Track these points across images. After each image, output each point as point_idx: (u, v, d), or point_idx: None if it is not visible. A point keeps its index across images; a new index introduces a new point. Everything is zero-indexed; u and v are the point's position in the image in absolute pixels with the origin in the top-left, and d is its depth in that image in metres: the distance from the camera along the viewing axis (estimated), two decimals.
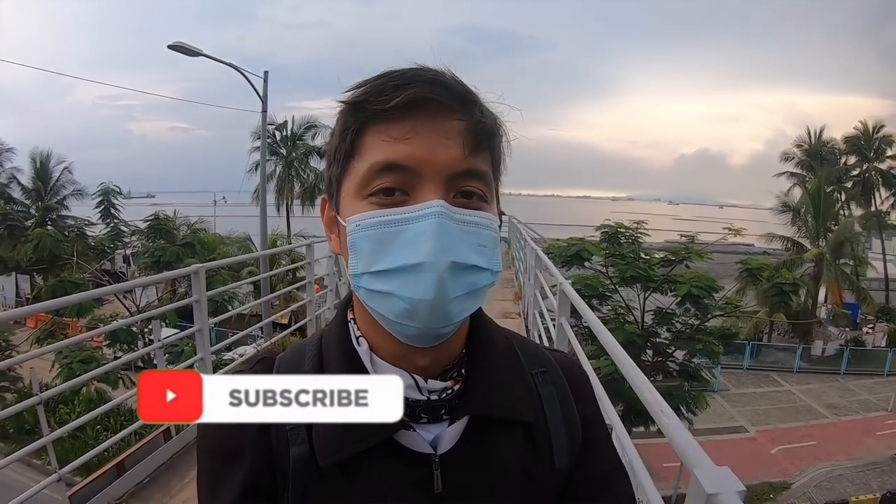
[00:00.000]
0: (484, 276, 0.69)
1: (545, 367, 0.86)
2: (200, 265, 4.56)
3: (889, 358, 26.83)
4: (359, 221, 0.67)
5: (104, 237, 18.57)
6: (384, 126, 0.67)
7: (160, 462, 3.82)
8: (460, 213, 0.67)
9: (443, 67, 0.70)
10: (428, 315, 0.65)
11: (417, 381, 0.73)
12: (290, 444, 0.73)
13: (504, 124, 0.75)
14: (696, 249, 14.18)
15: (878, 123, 34.47)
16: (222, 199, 53.27)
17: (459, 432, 0.75)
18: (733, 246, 26.97)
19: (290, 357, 0.82)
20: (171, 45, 12.29)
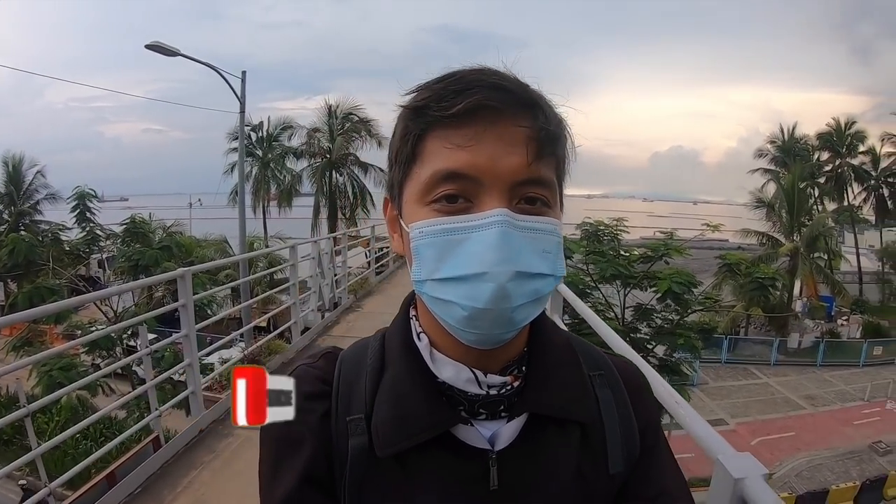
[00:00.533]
0: (548, 281, 0.68)
1: (603, 371, 0.86)
2: (187, 269, 4.49)
3: (864, 349, 27.24)
4: (422, 228, 0.67)
5: (80, 241, 18.27)
6: (446, 132, 0.66)
7: (151, 471, 3.75)
8: (524, 221, 0.66)
9: (505, 69, 0.69)
10: (490, 323, 0.65)
11: (477, 376, 0.73)
12: (349, 434, 0.74)
13: (569, 126, 0.74)
14: (674, 246, 14.35)
15: (851, 120, 35.39)
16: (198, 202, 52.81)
17: (518, 430, 0.75)
18: (708, 241, 27.29)
19: (353, 352, 0.83)
20: (148, 44, 12.13)
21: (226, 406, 4.89)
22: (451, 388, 0.74)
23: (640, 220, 72.08)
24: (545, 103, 0.70)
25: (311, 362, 0.82)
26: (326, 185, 28.62)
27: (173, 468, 3.88)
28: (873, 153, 35.40)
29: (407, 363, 0.76)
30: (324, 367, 0.81)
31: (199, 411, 4.49)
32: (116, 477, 3.46)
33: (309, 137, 29.18)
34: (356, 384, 0.77)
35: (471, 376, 0.73)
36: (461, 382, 0.73)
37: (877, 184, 35.61)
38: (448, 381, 0.74)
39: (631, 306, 15.09)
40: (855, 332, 29.73)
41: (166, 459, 3.94)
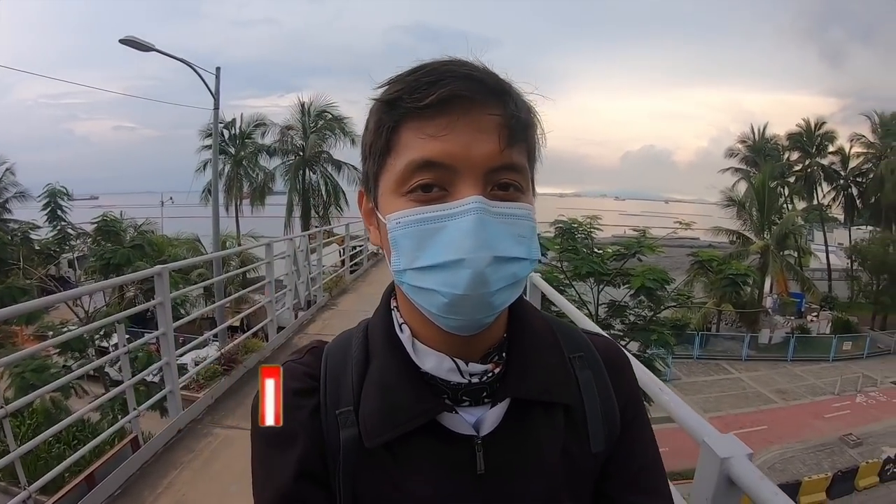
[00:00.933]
0: (524, 265, 0.70)
1: (583, 351, 0.87)
2: (164, 266, 4.43)
3: (834, 344, 27.75)
4: (399, 219, 0.68)
5: (51, 241, 17.87)
6: (419, 123, 0.67)
7: (130, 472, 3.70)
8: (498, 207, 0.67)
9: (475, 60, 0.70)
10: (471, 308, 0.67)
11: (458, 365, 0.75)
12: (339, 426, 0.76)
13: (538, 113, 0.75)
14: (647, 243, 14.50)
15: (820, 121, 36.07)
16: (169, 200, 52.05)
17: (501, 414, 0.76)
18: (680, 239, 27.61)
19: (337, 345, 0.85)
20: (122, 39, 11.95)
21: (205, 404, 4.87)
22: (434, 377, 0.75)
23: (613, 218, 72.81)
24: (515, 92, 0.71)
25: (298, 358, 0.84)
26: (300, 183, 28.44)
27: (153, 469, 3.83)
28: (842, 153, 36.16)
29: (390, 354, 0.77)
30: (310, 362, 0.82)
31: (177, 411, 4.45)
32: (96, 479, 3.40)
33: (282, 135, 28.98)
34: (343, 377, 0.79)
35: (452, 366, 0.75)
36: (443, 372, 0.75)
37: (846, 183, 36.42)
38: (430, 372, 0.75)
39: (605, 303, 15.20)
40: (824, 328, 30.25)
41: (145, 460, 3.88)
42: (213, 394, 5.05)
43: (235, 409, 4.92)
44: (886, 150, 33.64)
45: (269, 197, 30.61)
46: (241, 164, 29.48)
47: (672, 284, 14.91)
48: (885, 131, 34.31)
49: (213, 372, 5.35)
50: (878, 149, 34.51)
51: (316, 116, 28.67)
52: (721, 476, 1.26)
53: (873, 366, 26.49)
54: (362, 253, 14.00)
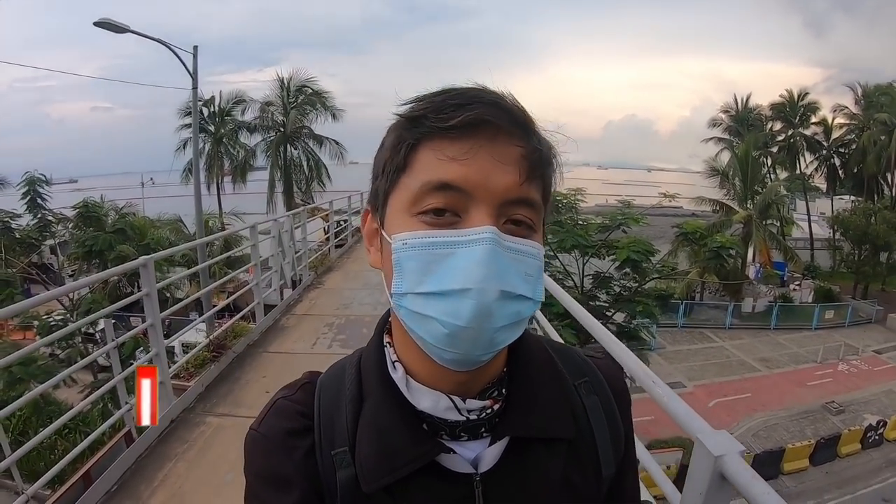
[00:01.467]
0: (528, 305, 0.67)
1: (588, 377, 0.86)
2: (149, 257, 4.36)
3: (816, 313, 28.10)
4: (406, 240, 0.66)
5: (31, 229, 17.66)
6: (441, 144, 0.65)
7: (125, 467, 3.68)
8: (510, 241, 0.65)
9: (503, 91, 0.69)
10: (470, 343, 0.64)
11: (455, 402, 0.73)
12: (336, 467, 0.74)
13: (557, 152, 0.73)
14: (632, 215, 14.55)
15: (803, 91, 36.31)
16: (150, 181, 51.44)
17: (500, 451, 0.75)
18: (663, 209, 27.72)
19: (330, 380, 0.82)
20: (97, 21, 11.67)
21: (196, 393, 4.87)
22: (430, 415, 0.74)
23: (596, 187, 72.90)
24: (538, 126, 0.70)
25: (290, 394, 0.82)
26: (281, 159, 28.34)
27: (147, 462, 3.82)
28: (825, 124, 36.40)
29: (385, 394, 0.75)
30: (303, 399, 0.80)
31: (169, 401, 4.43)
32: (92, 476, 3.40)
33: (262, 111, 28.79)
34: (337, 415, 0.77)
35: (449, 404, 0.73)
36: (440, 411, 0.73)
37: (828, 154, 36.75)
38: (427, 411, 0.73)
39: (590, 274, 15.29)
40: (807, 297, 30.63)
41: (140, 453, 3.87)
42: (203, 381, 5.04)
43: (227, 396, 4.92)
44: (869, 122, 33.82)
45: (251, 173, 30.41)
46: (221, 142, 29.22)
47: (656, 255, 15.02)
48: (868, 103, 34.56)
49: (202, 359, 5.33)
50: (861, 120, 34.74)
51: (296, 91, 28.49)
52: (714, 473, 1.29)
53: (855, 334, 26.87)
54: (347, 229, 13.95)
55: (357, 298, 8.25)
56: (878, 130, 32.93)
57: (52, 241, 19.66)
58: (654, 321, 15.66)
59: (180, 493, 3.47)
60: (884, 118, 32.49)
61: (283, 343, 6.44)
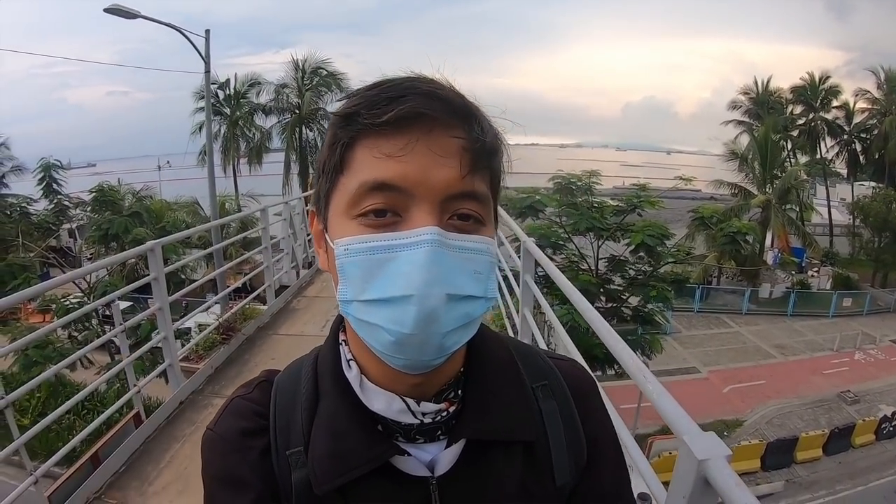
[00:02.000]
0: (479, 304, 0.65)
1: (547, 380, 0.84)
2: (156, 242, 4.42)
3: (834, 300, 27.79)
4: (347, 245, 0.64)
5: (48, 214, 17.87)
6: (376, 141, 0.63)
7: (133, 449, 3.75)
8: (456, 240, 0.63)
9: (441, 78, 0.66)
10: (417, 349, 0.62)
11: (409, 405, 0.71)
12: (290, 468, 0.73)
13: (505, 140, 0.71)
14: (647, 198, 14.43)
15: (825, 74, 35.48)
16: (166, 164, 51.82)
17: (457, 454, 0.74)
18: (681, 192, 27.47)
19: (287, 379, 0.81)
20: (107, 8, 11.74)
21: (205, 375, 4.93)
22: (384, 418, 0.72)
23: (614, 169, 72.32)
24: (481, 114, 0.67)
25: (246, 393, 0.81)
26: (297, 142, 28.46)
27: (155, 444, 3.89)
28: (847, 108, 35.64)
29: (340, 395, 0.74)
30: (259, 398, 0.79)
31: (178, 383, 4.49)
32: (100, 457, 3.45)
33: (277, 94, 28.88)
34: (293, 415, 0.76)
35: (403, 406, 0.71)
36: (393, 413, 0.71)
37: (849, 138, 35.97)
38: (380, 412, 0.72)
39: (604, 258, 15.22)
40: (825, 284, 30.33)
41: (148, 435, 3.93)
42: (212, 363, 5.11)
43: (235, 378, 4.98)
44: (891, 107, 33.12)
45: (267, 155, 30.60)
46: (236, 125, 29.45)
47: (672, 239, 14.91)
48: (891, 87, 33.71)
49: (211, 341, 5.39)
50: (883, 105, 34.00)
51: (311, 73, 28.54)
52: (698, 477, 1.28)
53: (873, 323, 26.56)
54: None
55: None
56: None
57: (69, 225, 19.88)
58: (668, 306, 15.57)
59: (186, 474, 3.53)
60: None
61: (293, 325, 6.50)
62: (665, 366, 20.18)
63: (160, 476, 3.52)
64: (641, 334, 14.82)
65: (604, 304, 15.01)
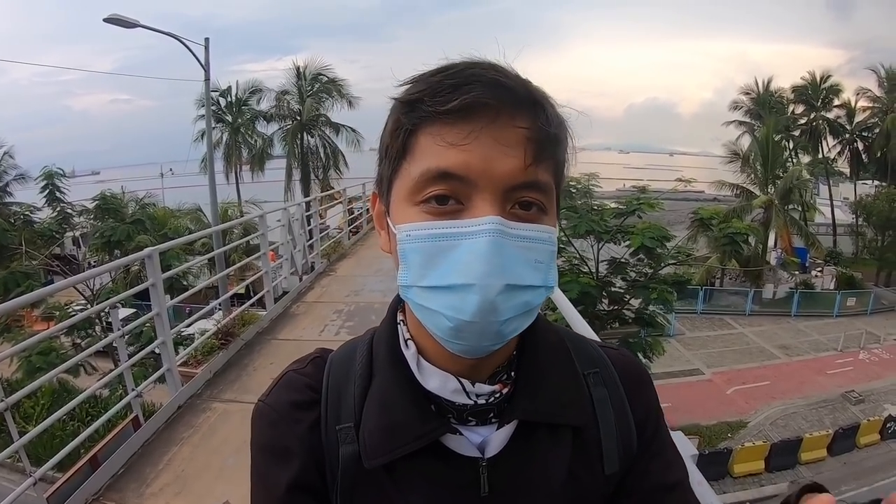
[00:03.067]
0: (538, 293, 0.66)
1: (598, 368, 0.84)
2: (153, 248, 4.48)
3: (838, 300, 27.63)
4: (410, 231, 0.64)
5: (51, 222, 17.96)
6: (439, 129, 0.63)
7: (132, 451, 3.80)
8: (517, 229, 0.63)
9: (505, 64, 0.66)
10: (476, 336, 0.63)
11: (464, 385, 0.72)
12: (339, 442, 0.74)
13: (570, 128, 0.71)
14: (647, 200, 14.42)
15: (826, 73, 35.37)
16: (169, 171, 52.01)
17: (508, 436, 0.74)
18: (684, 193, 27.44)
19: (341, 357, 0.82)
20: (106, 18, 11.84)
21: (204, 379, 4.97)
22: (438, 397, 0.73)
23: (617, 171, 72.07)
24: (547, 102, 0.67)
25: (300, 367, 0.82)
26: (298, 148, 28.60)
27: (153, 446, 3.94)
28: (848, 107, 35.52)
29: (394, 372, 0.74)
30: (312, 373, 0.80)
31: (176, 388, 4.54)
32: (99, 459, 3.50)
33: (278, 100, 29.01)
34: (345, 391, 0.76)
35: (458, 386, 0.72)
36: (448, 392, 0.72)
37: (851, 137, 35.85)
38: (434, 391, 0.72)
39: (605, 260, 15.21)
40: (829, 284, 30.14)
41: (146, 438, 3.99)
42: (211, 368, 5.15)
43: (234, 382, 5.03)
44: (893, 105, 33.03)
45: (269, 162, 30.72)
46: (238, 132, 29.58)
47: (673, 241, 14.88)
48: (892, 85, 33.63)
49: (210, 347, 5.44)
50: (885, 103, 33.87)
51: (311, 80, 28.66)
52: None
53: (877, 322, 26.41)
54: (362, 216, 14.08)
55: (368, 285, 8.32)
56: None
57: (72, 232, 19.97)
58: (670, 307, 15.53)
59: (183, 476, 3.58)
60: None
61: (292, 330, 6.53)
62: (668, 367, 20.14)
63: (158, 478, 3.57)
64: (643, 336, 14.82)
65: (606, 306, 15.01)
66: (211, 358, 5.27)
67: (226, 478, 3.53)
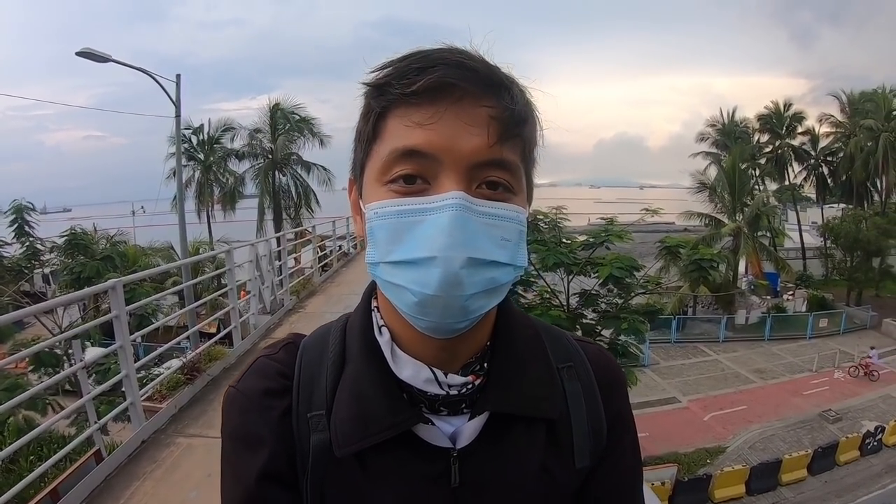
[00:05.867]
0: (506, 271, 0.66)
1: (572, 362, 0.85)
2: (117, 280, 4.47)
3: (810, 321, 27.95)
4: (377, 209, 0.66)
5: (20, 257, 17.67)
6: (406, 110, 0.65)
7: (94, 485, 3.75)
8: (482, 206, 0.64)
9: (471, 48, 0.68)
10: (441, 310, 0.64)
11: (437, 376, 0.73)
12: (310, 430, 0.74)
13: (537, 109, 0.72)
14: (615, 231, 14.58)
15: (789, 102, 36.62)
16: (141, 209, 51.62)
17: (479, 427, 0.75)
18: (654, 225, 27.66)
19: (314, 342, 0.82)
20: (78, 52, 11.88)
21: (168, 414, 4.94)
22: (411, 386, 0.73)
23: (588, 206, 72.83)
24: (513, 83, 0.68)
25: (272, 353, 0.82)
26: (270, 186, 28.49)
27: (116, 481, 3.90)
28: (812, 133, 36.78)
29: (367, 360, 0.75)
30: (284, 359, 0.80)
31: (140, 422, 4.51)
32: (59, 493, 3.46)
33: (251, 138, 29.00)
34: (317, 378, 0.77)
35: (430, 376, 0.72)
36: (420, 382, 0.73)
37: (816, 163, 37.01)
38: (407, 381, 0.73)
39: (576, 293, 15.29)
40: (801, 306, 30.55)
41: (108, 472, 3.95)
42: (176, 403, 5.12)
43: (199, 418, 5.00)
44: (855, 129, 34.03)
45: (241, 201, 30.54)
46: (210, 170, 29.46)
47: (643, 271, 15.00)
48: (854, 110, 34.77)
49: (175, 381, 5.40)
50: (847, 127, 35.00)
51: (283, 118, 28.71)
52: None
53: (850, 341, 26.61)
54: (332, 254, 14.09)
55: None
56: (864, 136, 33.11)
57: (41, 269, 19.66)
58: (642, 338, 15.60)
59: None
60: (870, 124, 32.71)
61: None
62: (644, 397, 20.10)
63: None
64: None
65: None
66: (176, 393, 5.23)
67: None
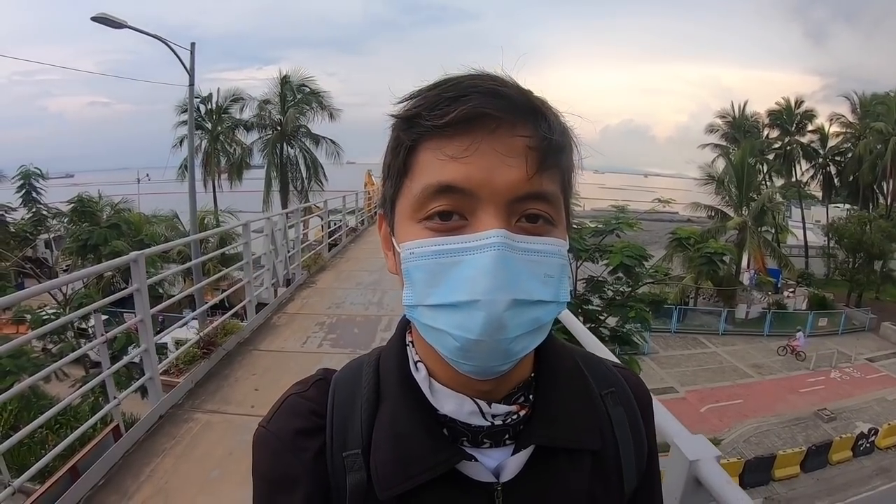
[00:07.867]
0: (549, 309, 0.63)
1: (615, 388, 0.82)
2: (139, 253, 4.38)
3: (809, 320, 28.00)
4: (413, 249, 0.62)
5: (26, 223, 17.59)
6: (439, 143, 0.61)
7: (112, 462, 3.67)
8: (523, 242, 0.61)
9: (503, 74, 0.64)
10: (485, 355, 0.61)
11: (481, 407, 0.69)
12: (346, 470, 0.71)
13: (574, 135, 0.68)
14: (626, 219, 14.55)
15: (800, 99, 36.36)
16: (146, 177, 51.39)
17: (524, 461, 0.71)
18: (659, 214, 27.71)
19: (346, 379, 0.79)
20: (94, 16, 11.65)
21: (185, 389, 4.86)
22: (452, 420, 0.70)
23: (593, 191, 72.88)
24: (548, 110, 0.65)
25: (302, 391, 0.78)
26: (278, 158, 28.40)
27: (135, 457, 3.81)
28: (822, 132, 36.59)
29: (404, 397, 0.72)
30: (316, 397, 0.77)
31: (158, 397, 4.43)
32: (79, 470, 3.38)
33: (260, 109, 28.83)
34: (351, 416, 0.74)
35: (474, 408, 0.69)
36: (464, 415, 0.70)
37: (824, 162, 36.85)
38: (450, 415, 0.70)
39: (583, 279, 15.29)
40: (801, 304, 30.60)
41: (127, 449, 3.86)
42: (192, 378, 5.04)
43: (216, 393, 4.92)
44: (865, 131, 33.89)
45: (247, 171, 30.50)
46: (218, 140, 29.30)
47: (650, 260, 15.01)
48: (865, 112, 34.63)
49: (192, 356, 5.33)
50: (857, 129, 34.86)
51: (293, 90, 28.46)
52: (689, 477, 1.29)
53: (848, 342, 26.72)
54: (341, 229, 14.01)
55: (349, 298, 8.25)
56: (873, 139, 32.96)
57: (46, 235, 19.60)
58: (647, 326, 15.64)
59: (166, 489, 3.47)
60: (880, 127, 32.51)
61: (273, 341, 6.43)
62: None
63: (140, 490, 3.45)
64: (619, 355, 14.90)
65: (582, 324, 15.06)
66: (192, 367, 5.15)
67: (209, 491, 3.44)
